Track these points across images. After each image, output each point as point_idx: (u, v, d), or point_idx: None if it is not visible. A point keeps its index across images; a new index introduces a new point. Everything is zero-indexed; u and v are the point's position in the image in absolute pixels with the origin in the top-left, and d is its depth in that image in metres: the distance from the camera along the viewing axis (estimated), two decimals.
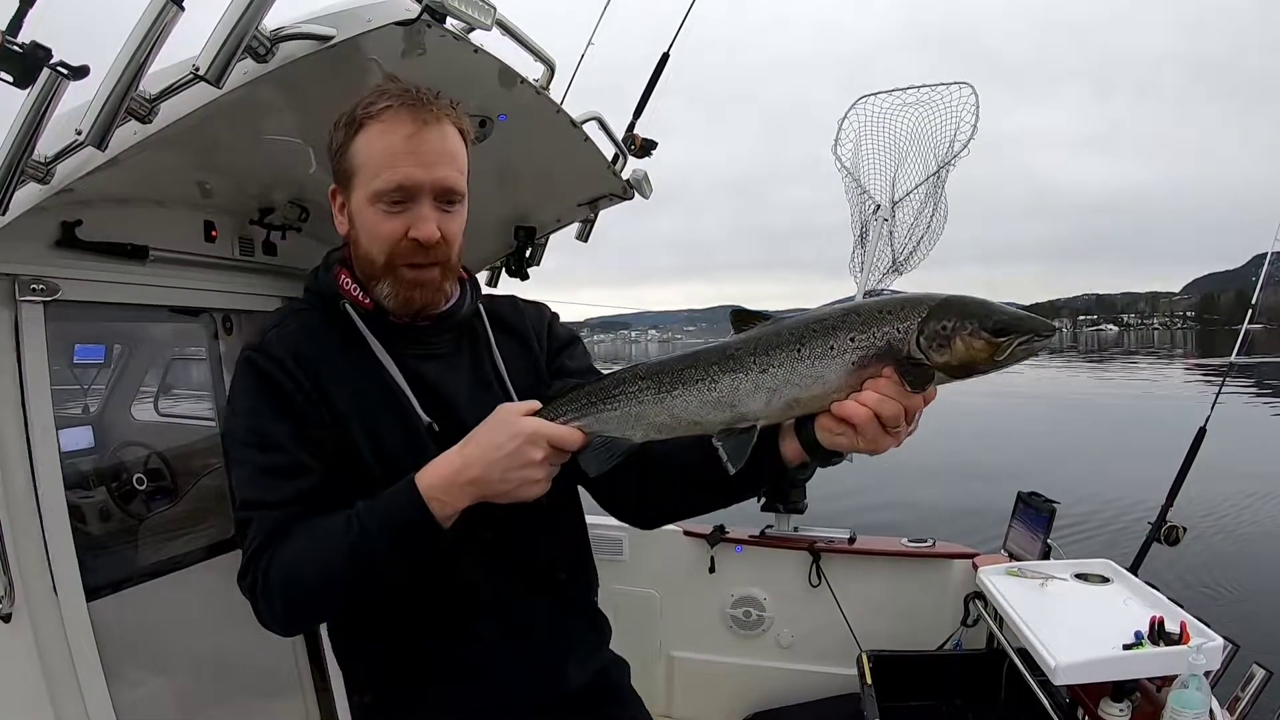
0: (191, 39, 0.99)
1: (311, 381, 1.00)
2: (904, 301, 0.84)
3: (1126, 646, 1.66)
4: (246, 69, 1.04)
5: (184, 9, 0.96)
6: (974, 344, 0.80)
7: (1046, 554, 2.33)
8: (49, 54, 0.98)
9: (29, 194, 1.11)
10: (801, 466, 0.96)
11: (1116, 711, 1.72)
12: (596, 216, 2.15)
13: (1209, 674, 1.59)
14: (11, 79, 0.99)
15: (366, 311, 1.06)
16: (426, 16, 1.11)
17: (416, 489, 0.90)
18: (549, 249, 2.28)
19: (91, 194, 1.38)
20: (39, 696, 1.28)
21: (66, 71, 0.98)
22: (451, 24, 1.17)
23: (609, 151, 1.90)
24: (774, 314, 0.91)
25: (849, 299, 2.94)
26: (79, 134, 0.99)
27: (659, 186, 2.07)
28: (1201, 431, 2.52)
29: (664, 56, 2.13)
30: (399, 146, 0.96)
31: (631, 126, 2.00)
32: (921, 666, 2.29)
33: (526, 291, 2.09)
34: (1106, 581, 2.06)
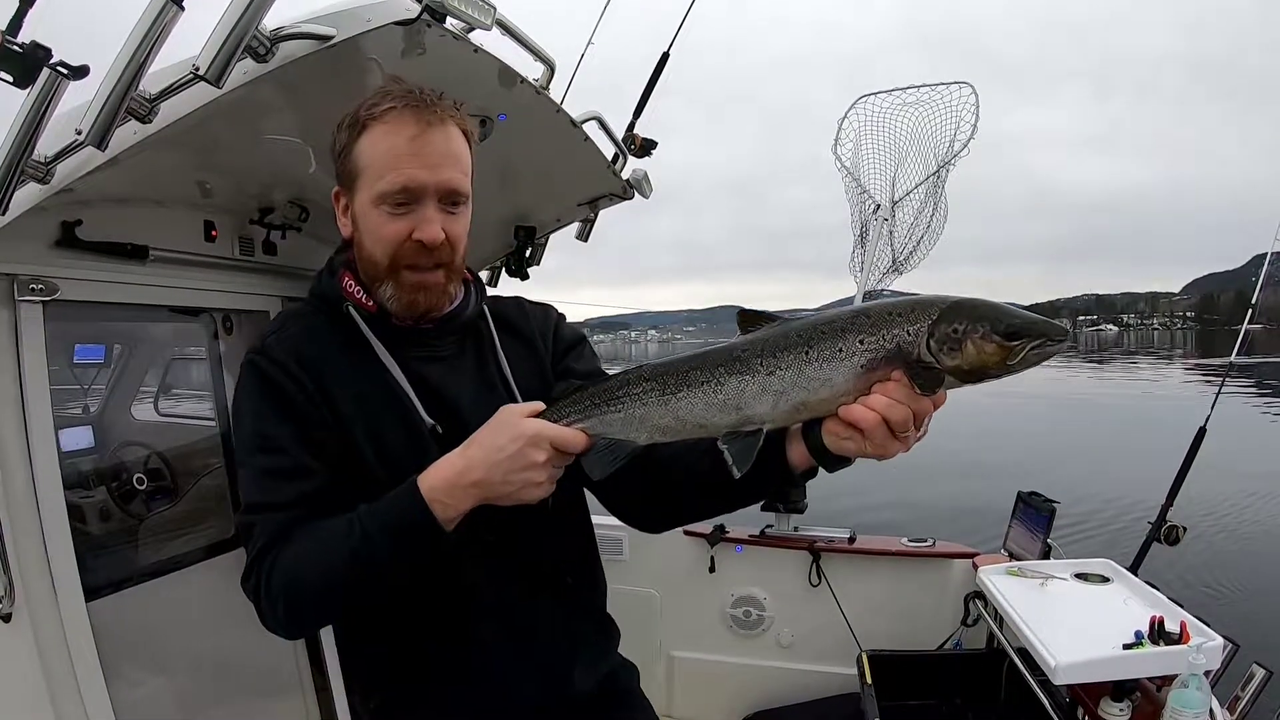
0: (191, 39, 0.99)
1: (314, 384, 1.00)
2: (914, 304, 0.82)
3: (1126, 646, 1.66)
4: (246, 69, 1.04)
5: (184, 9, 0.95)
6: (985, 348, 0.79)
7: (1046, 554, 2.34)
8: (49, 54, 0.98)
9: (29, 194, 1.11)
10: (808, 471, 0.95)
11: (1116, 711, 1.72)
12: (596, 216, 2.15)
13: (1209, 673, 1.59)
14: (11, 79, 0.98)
15: (370, 314, 1.05)
16: (426, 16, 1.11)
17: (419, 491, 0.90)
18: (549, 249, 2.28)
19: (91, 194, 1.38)
20: (39, 696, 1.28)
21: (66, 71, 0.98)
22: (451, 24, 1.17)
23: (609, 151, 1.90)
24: (781, 315, 0.89)
25: (849, 299, 2.95)
26: (79, 134, 0.99)
27: (659, 186, 2.06)
28: (1201, 431, 2.52)
29: (664, 56, 2.14)
30: (403, 148, 0.96)
31: (631, 126, 2.00)
32: (921, 666, 2.29)
33: (526, 291, 2.09)
34: (1106, 581, 2.06)
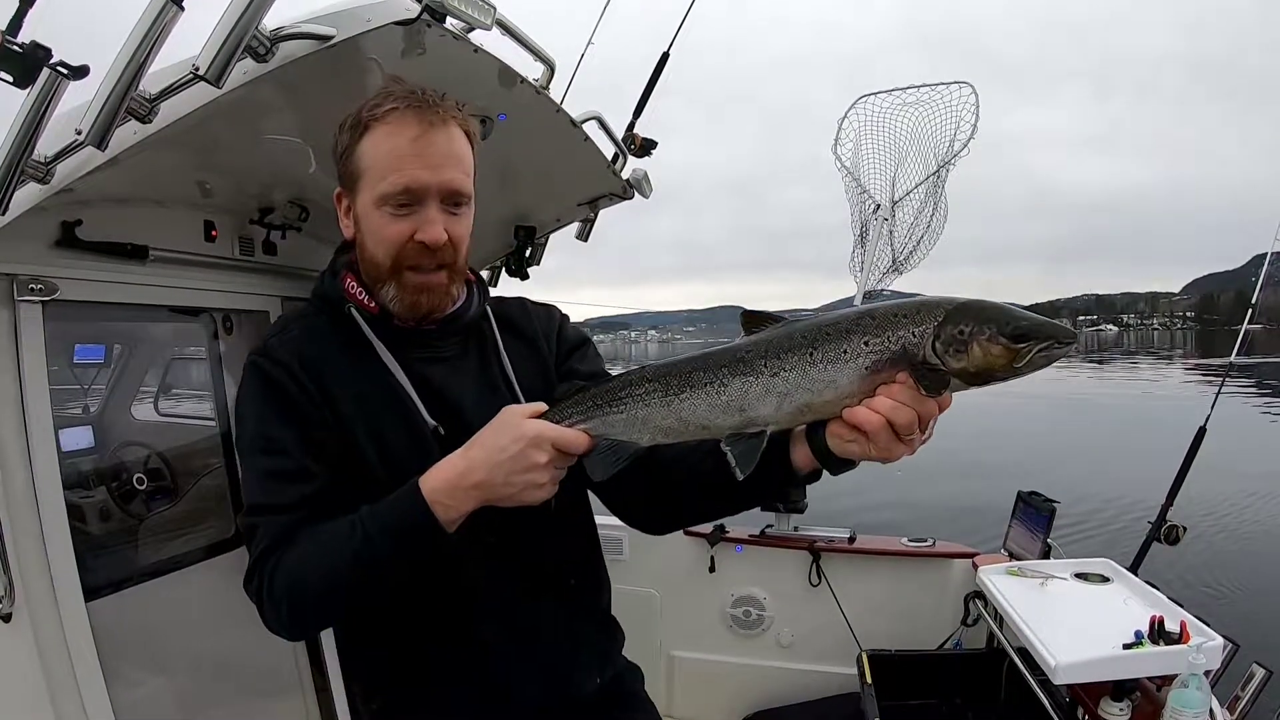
0: (191, 39, 0.98)
1: (315, 384, 1.00)
2: (920, 305, 0.81)
3: (1126, 646, 1.66)
4: (246, 69, 1.04)
5: (184, 9, 0.95)
6: (992, 350, 0.78)
7: (1046, 553, 2.34)
8: (49, 54, 0.98)
9: (29, 194, 1.11)
10: (812, 473, 0.94)
11: (1116, 711, 1.72)
12: (596, 216, 2.15)
13: (1209, 673, 1.59)
14: (11, 79, 0.98)
15: (372, 315, 1.05)
16: (426, 16, 1.11)
17: (420, 493, 0.90)
18: (549, 249, 2.28)
19: (91, 194, 1.38)
20: (39, 696, 1.28)
21: (66, 71, 0.98)
22: (451, 24, 1.17)
23: (609, 151, 1.90)
24: (785, 316, 0.88)
25: (849, 299, 2.95)
26: (79, 134, 0.99)
27: (659, 186, 2.06)
28: (1201, 431, 2.53)
29: (664, 56, 2.14)
30: (405, 149, 0.96)
31: (631, 126, 2.00)
32: (921, 666, 2.29)
33: (526, 291, 2.09)
34: (1106, 581, 2.06)
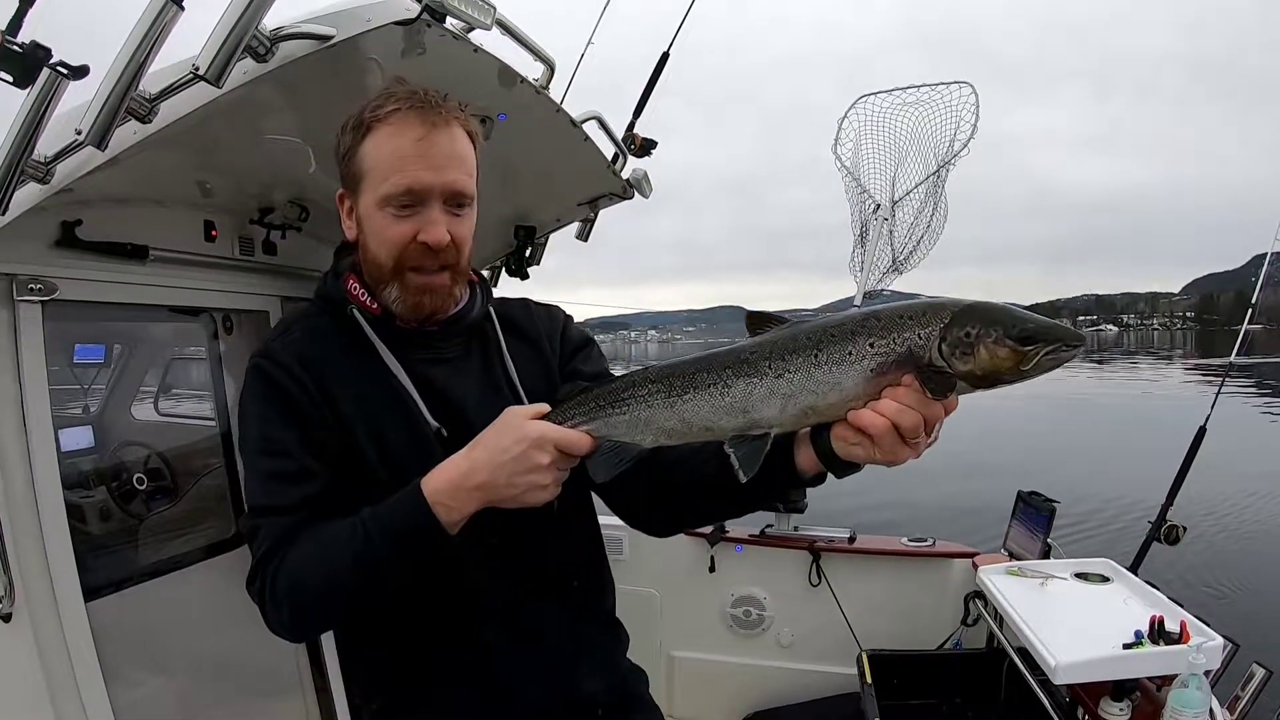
0: (191, 39, 0.98)
1: (316, 384, 0.99)
2: (926, 307, 0.81)
3: (1126, 646, 1.66)
4: (246, 69, 1.04)
5: (184, 9, 0.95)
6: (998, 352, 0.77)
7: (1046, 553, 2.34)
8: (49, 54, 0.98)
9: (29, 194, 1.11)
10: (816, 476, 0.93)
11: (1116, 711, 1.72)
12: (596, 216, 2.15)
13: (1209, 673, 1.59)
14: (11, 79, 0.98)
15: (374, 316, 1.05)
16: (426, 16, 1.11)
17: (422, 494, 0.89)
18: (549, 249, 2.29)
19: (91, 194, 1.38)
20: (39, 696, 1.28)
21: (66, 71, 0.98)
22: (451, 23, 1.17)
23: (609, 151, 1.90)
24: (788, 317, 0.88)
25: (849, 299, 2.95)
26: (79, 134, 0.99)
27: (659, 186, 2.06)
28: (1201, 431, 2.53)
29: (664, 56, 2.14)
30: (408, 150, 0.95)
31: (631, 126, 2.00)
32: (921, 666, 2.29)
33: (526, 291, 2.09)
34: (1106, 581, 2.06)
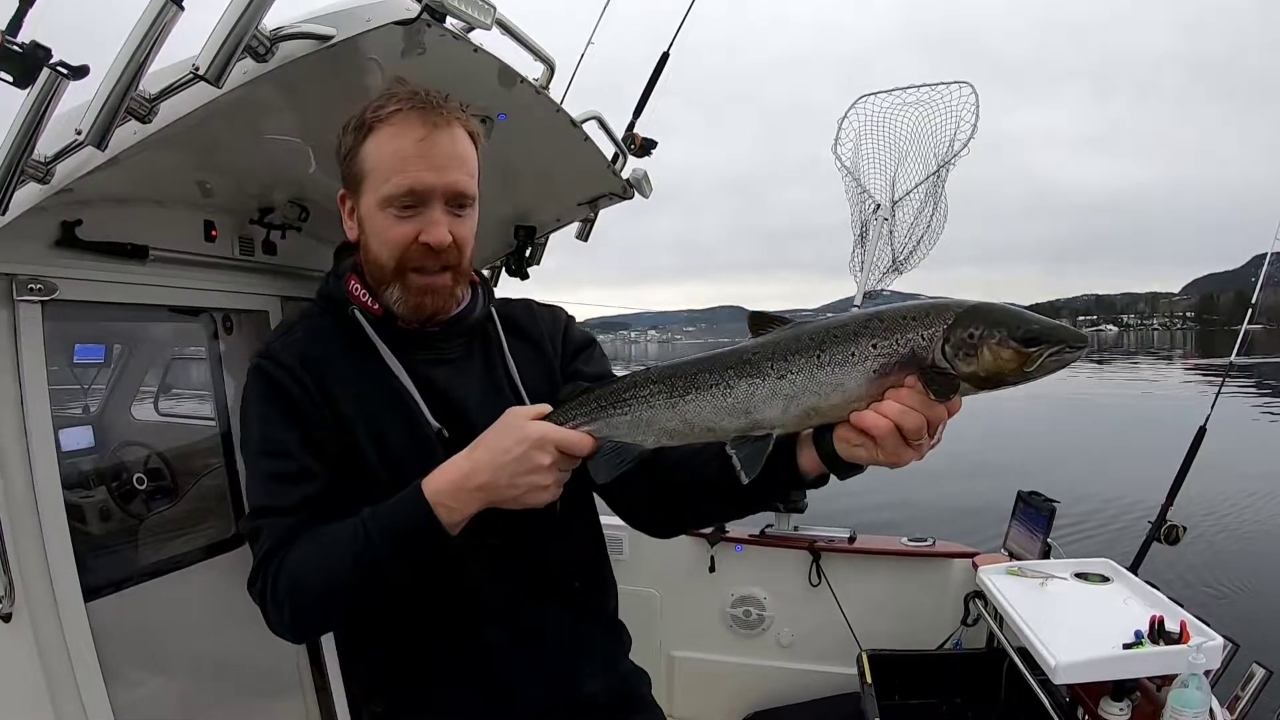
0: (191, 39, 0.98)
1: (316, 384, 0.99)
2: (929, 307, 0.80)
3: (1126, 646, 1.66)
4: (246, 69, 1.04)
5: (184, 9, 0.95)
6: (1002, 354, 0.76)
7: (1046, 553, 2.34)
8: (49, 54, 0.98)
9: (29, 194, 1.11)
10: (819, 477, 0.93)
11: (1116, 711, 1.72)
12: (596, 216, 2.15)
13: (1209, 673, 1.59)
14: (11, 79, 0.98)
15: (375, 317, 1.05)
16: (426, 16, 1.11)
17: (423, 495, 0.89)
18: (549, 249, 2.28)
19: (91, 194, 1.38)
20: (39, 696, 1.28)
21: (66, 71, 0.98)
22: (451, 23, 1.17)
23: (609, 151, 1.90)
24: (790, 318, 0.87)
25: (849, 299, 2.95)
26: (79, 134, 0.99)
27: (659, 186, 2.06)
28: (1201, 431, 2.53)
29: (664, 56, 2.14)
30: (409, 150, 0.95)
31: (631, 126, 2.00)
32: (921, 666, 2.29)
33: (526, 291, 2.09)
34: (1106, 581, 2.06)
